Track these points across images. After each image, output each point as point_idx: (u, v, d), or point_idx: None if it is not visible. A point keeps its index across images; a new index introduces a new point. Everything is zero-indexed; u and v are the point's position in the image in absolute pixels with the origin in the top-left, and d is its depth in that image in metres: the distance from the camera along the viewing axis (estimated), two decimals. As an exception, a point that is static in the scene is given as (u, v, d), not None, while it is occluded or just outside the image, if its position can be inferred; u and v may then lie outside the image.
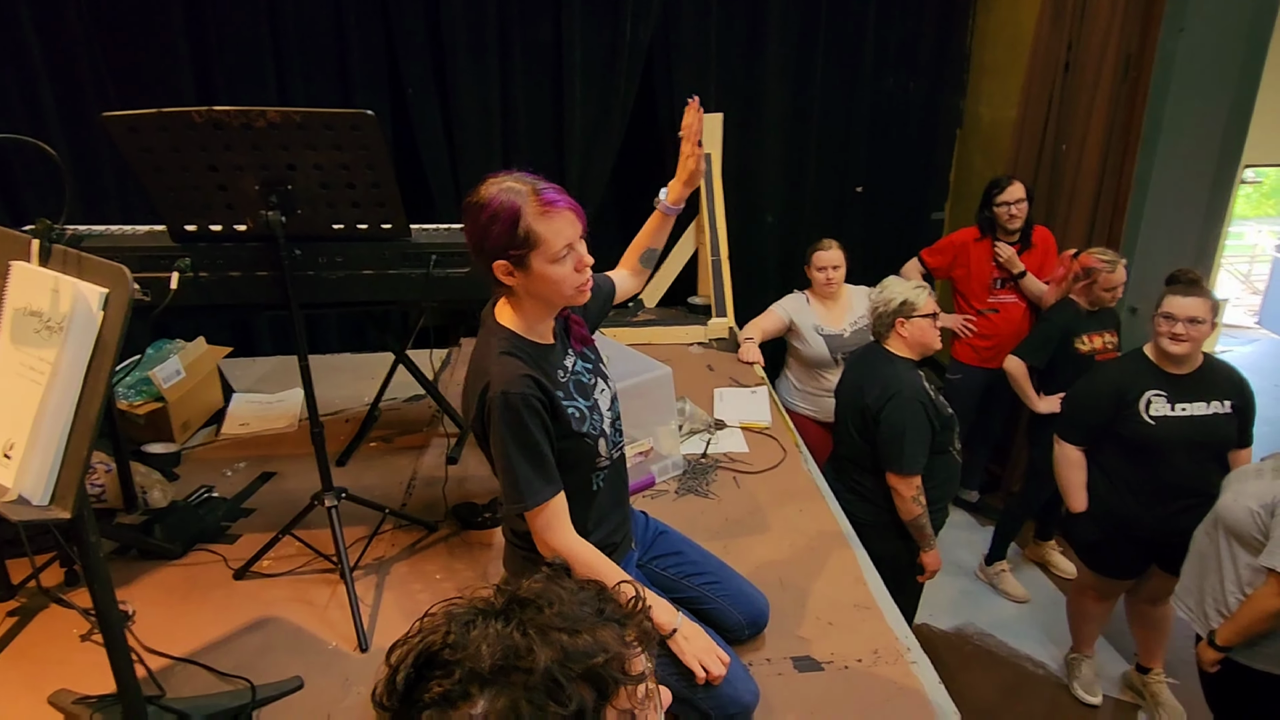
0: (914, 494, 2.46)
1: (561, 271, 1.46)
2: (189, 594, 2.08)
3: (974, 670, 3.22)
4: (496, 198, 1.42)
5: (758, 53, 4.30)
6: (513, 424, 1.44)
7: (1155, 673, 2.99)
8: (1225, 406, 2.53)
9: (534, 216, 1.42)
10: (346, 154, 1.91)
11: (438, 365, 3.53)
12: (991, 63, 4.50)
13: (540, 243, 1.43)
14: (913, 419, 2.42)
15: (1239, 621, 2.17)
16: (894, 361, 2.53)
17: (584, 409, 1.58)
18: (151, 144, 1.86)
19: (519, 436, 1.45)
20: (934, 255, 3.77)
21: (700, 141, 1.79)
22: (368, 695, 1.76)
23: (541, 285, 1.48)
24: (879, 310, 2.55)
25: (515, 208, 1.41)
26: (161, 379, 2.72)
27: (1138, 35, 3.38)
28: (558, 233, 1.43)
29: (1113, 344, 3.20)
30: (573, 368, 1.62)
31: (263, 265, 2.07)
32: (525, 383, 1.45)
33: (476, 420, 1.50)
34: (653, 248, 1.91)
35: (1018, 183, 3.47)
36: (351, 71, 3.80)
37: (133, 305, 1.36)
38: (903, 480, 2.45)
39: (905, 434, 2.41)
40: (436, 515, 2.41)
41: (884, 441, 2.46)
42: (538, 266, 1.45)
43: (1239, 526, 2.18)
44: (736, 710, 1.61)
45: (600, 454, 1.62)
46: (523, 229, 1.41)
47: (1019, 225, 3.48)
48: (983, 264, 3.60)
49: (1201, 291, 2.46)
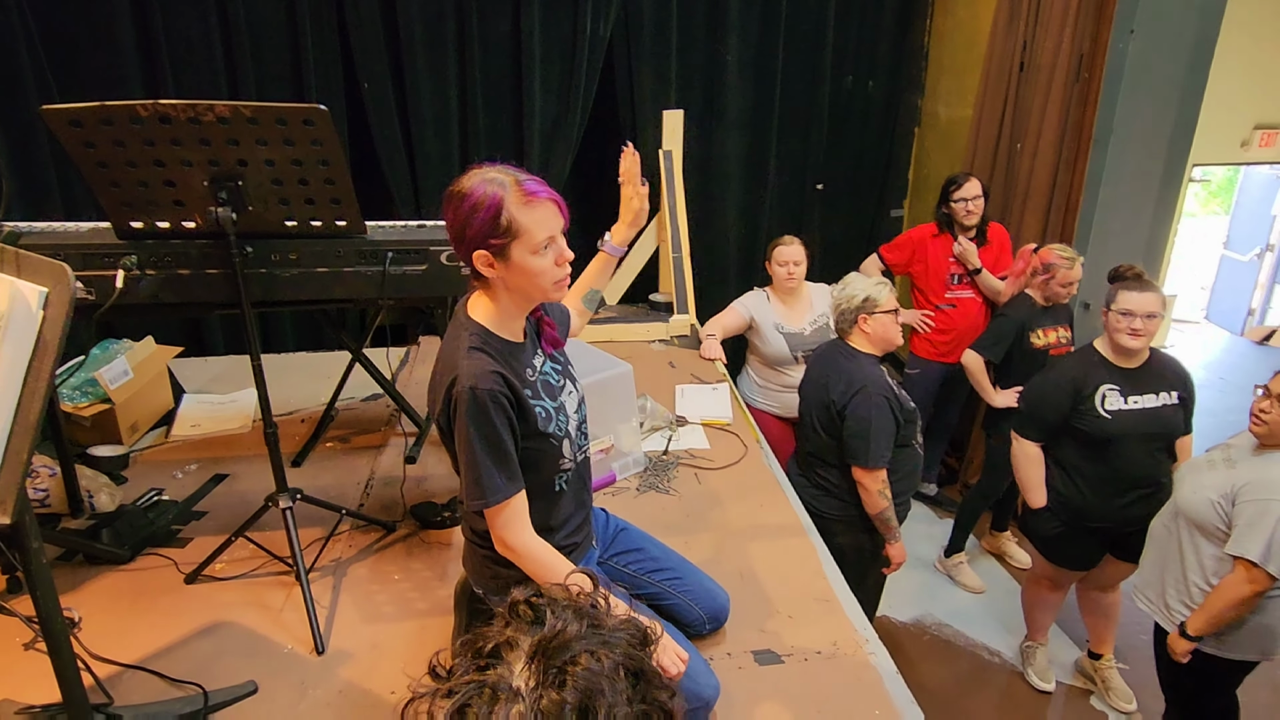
0: (880, 488, 2.49)
1: (542, 264, 1.46)
2: (138, 599, 2.03)
3: (932, 660, 3.27)
4: (479, 188, 1.42)
5: (718, 49, 4.31)
6: (478, 419, 1.43)
7: (1106, 659, 3.07)
8: (1173, 397, 2.61)
9: (516, 206, 1.41)
10: (299, 149, 1.87)
11: (395, 364, 3.48)
12: (949, 62, 4.57)
13: (522, 233, 1.42)
14: (878, 414, 2.44)
15: (1209, 610, 2.21)
16: (857, 357, 2.56)
17: (550, 409, 1.57)
18: (95, 138, 1.80)
19: (484, 432, 1.44)
20: (892, 251, 3.82)
21: (644, 180, 1.79)
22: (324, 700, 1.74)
23: (521, 278, 1.47)
24: (841, 307, 2.58)
25: (498, 197, 1.41)
26: (108, 380, 2.65)
27: (1090, 37, 3.46)
28: (540, 223, 1.43)
29: (1066, 339, 3.27)
30: (541, 368, 1.61)
31: (213, 263, 2.03)
32: (494, 379, 1.44)
33: (442, 414, 1.49)
34: (595, 289, 1.93)
35: (974, 179, 3.53)
36: (305, 67, 3.73)
37: (75, 304, 1.32)
38: (869, 474, 2.48)
39: (871, 429, 2.44)
40: (395, 515, 2.38)
41: (850, 436, 2.48)
42: (518, 258, 1.44)
43: (1201, 518, 2.24)
44: (698, 705, 1.62)
45: (565, 455, 1.61)
46: (505, 219, 1.41)
47: (975, 221, 3.54)
48: (940, 260, 3.66)
49: (1154, 287, 2.53)
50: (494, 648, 0.77)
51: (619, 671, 0.76)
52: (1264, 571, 2.08)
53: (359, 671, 1.81)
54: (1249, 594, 2.13)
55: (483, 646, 0.78)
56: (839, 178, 4.86)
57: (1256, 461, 2.19)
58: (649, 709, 0.76)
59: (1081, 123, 3.55)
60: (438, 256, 2.14)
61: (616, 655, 0.77)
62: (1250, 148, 6.68)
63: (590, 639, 0.77)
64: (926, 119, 4.85)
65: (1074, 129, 3.59)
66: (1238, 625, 2.21)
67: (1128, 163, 3.48)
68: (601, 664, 0.75)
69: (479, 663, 0.77)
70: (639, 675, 0.77)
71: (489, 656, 0.77)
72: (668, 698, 0.78)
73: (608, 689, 0.74)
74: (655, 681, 0.78)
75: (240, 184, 1.88)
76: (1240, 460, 2.24)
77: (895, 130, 4.87)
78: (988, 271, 3.57)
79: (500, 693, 0.73)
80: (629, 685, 0.76)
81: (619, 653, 0.77)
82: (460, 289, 2.18)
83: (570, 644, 0.76)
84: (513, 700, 0.73)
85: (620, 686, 0.75)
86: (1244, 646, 2.24)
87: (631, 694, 0.75)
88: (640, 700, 0.76)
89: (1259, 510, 2.10)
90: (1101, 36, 3.41)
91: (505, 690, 0.73)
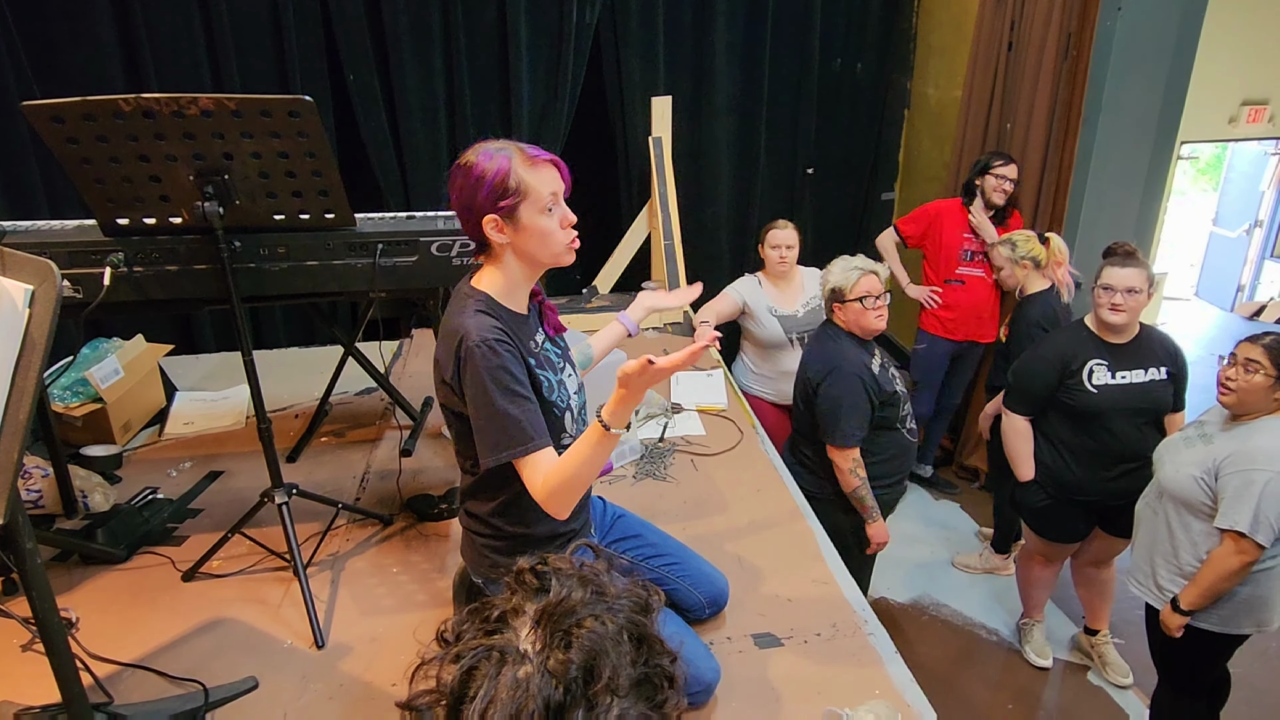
0: (851, 466, 2.52)
1: (549, 224, 1.50)
2: (136, 598, 2.03)
3: (931, 640, 3.29)
4: (485, 156, 1.47)
5: (706, 34, 4.29)
6: (493, 370, 1.44)
7: (1102, 634, 3.09)
8: (1161, 373, 2.62)
9: (523, 168, 1.47)
10: (285, 142, 1.85)
11: (389, 357, 3.47)
12: (938, 43, 4.56)
13: (529, 192, 1.46)
14: (849, 393, 2.48)
15: (1201, 584, 2.23)
16: (840, 338, 2.59)
17: (553, 381, 1.58)
18: (77, 134, 1.78)
19: (501, 381, 1.44)
20: (908, 224, 3.87)
21: None
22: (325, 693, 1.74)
23: (531, 239, 1.50)
24: (826, 290, 2.63)
25: (505, 158, 1.46)
26: (99, 379, 2.63)
27: (1077, 15, 3.45)
28: (544, 182, 1.48)
29: None
30: (543, 343, 1.63)
31: (201, 258, 2.01)
32: (501, 333, 1.47)
33: (454, 378, 1.48)
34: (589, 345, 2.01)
35: (1015, 164, 3.58)
36: (289, 60, 3.70)
37: (61, 302, 1.31)
38: (839, 453, 2.52)
39: (842, 407, 2.48)
40: (391, 508, 2.38)
41: (821, 414, 2.54)
42: (527, 219, 1.48)
43: (1186, 496, 2.26)
44: (699, 689, 1.63)
45: (566, 429, 1.62)
46: (514, 180, 1.45)
47: (1003, 201, 3.58)
48: (954, 234, 3.68)
49: (1137, 263, 2.53)
50: (500, 614, 0.79)
51: (622, 635, 0.77)
52: (1252, 542, 2.10)
53: (359, 664, 1.81)
54: (1238, 565, 2.14)
55: (490, 614, 0.80)
56: (829, 161, 4.85)
57: (1233, 434, 2.21)
58: (651, 672, 0.78)
59: (1071, 102, 3.55)
60: (428, 248, 2.12)
61: (620, 620, 0.78)
62: (1238, 124, 6.70)
63: (594, 605, 0.79)
64: (916, 101, 4.84)
65: (1063, 108, 3.58)
66: (1229, 599, 2.23)
67: (1117, 141, 3.48)
68: (606, 627, 0.77)
69: (486, 628, 0.79)
70: (641, 640, 0.79)
71: (496, 622, 0.79)
72: (669, 662, 0.80)
73: (612, 650, 0.75)
74: (657, 647, 0.80)
75: (226, 178, 1.87)
76: (1216, 435, 2.26)
77: (885, 113, 4.85)
78: None
79: (508, 655, 0.75)
80: (632, 648, 0.77)
81: (622, 618, 0.79)
82: (451, 279, 2.17)
83: (575, 609, 0.78)
84: (520, 662, 0.74)
85: (624, 649, 0.77)
86: (1237, 620, 2.25)
87: (635, 656, 0.77)
88: (643, 663, 0.77)
89: (1243, 481, 2.12)
90: (1089, 15, 3.40)
91: (512, 653, 0.75)
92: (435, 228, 2.13)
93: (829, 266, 2.64)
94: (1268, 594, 2.21)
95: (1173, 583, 2.32)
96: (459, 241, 2.12)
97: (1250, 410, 2.18)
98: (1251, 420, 2.19)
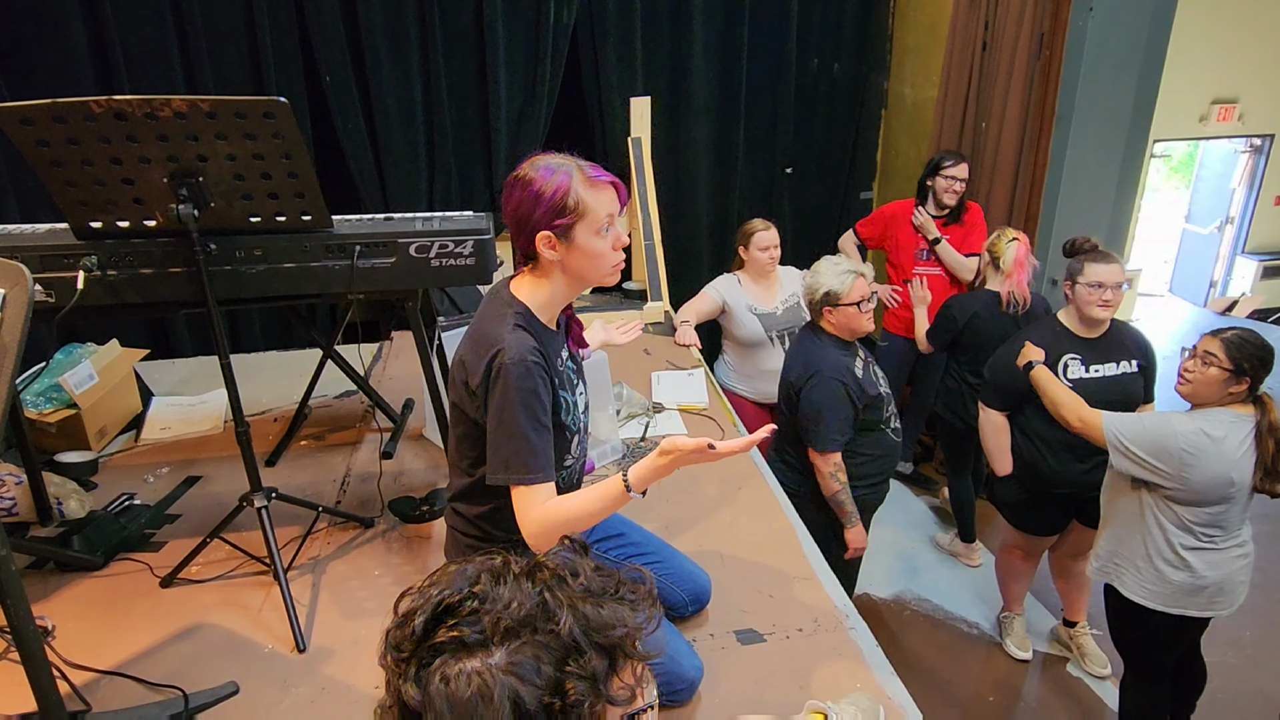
0: (831, 470, 2.53)
1: (602, 245, 1.50)
2: (113, 605, 2.00)
3: (912, 634, 3.32)
4: (546, 171, 1.47)
5: (683, 35, 4.30)
6: (525, 394, 1.44)
7: (1080, 626, 3.14)
8: (1133, 366, 2.67)
9: (583, 187, 1.47)
10: (261, 143, 1.84)
11: (368, 360, 3.45)
12: (913, 43, 4.60)
13: (587, 212, 1.46)
14: (831, 398, 2.48)
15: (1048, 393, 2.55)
16: (822, 341, 2.59)
17: (570, 402, 1.59)
18: (48, 137, 1.76)
19: (530, 406, 1.44)
20: (866, 226, 3.92)
21: None
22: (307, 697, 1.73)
23: (581, 259, 1.50)
24: (809, 297, 2.60)
25: (566, 176, 1.46)
26: (73, 385, 2.60)
27: (1050, 15, 3.49)
28: (602, 203, 1.49)
29: None
30: (565, 360, 1.63)
31: (176, 261, 1.99)
32: (539, 357, 1.47)
33: (481, 386, 1.47)
34: None
35: (965, 163, 3.60)
36: (264, 62, 3.66)
37: (33, 306, 1.29)
38: (820, 457, 2.54)
39: (823, 412, 2.49)
40: (373, 511, 2.37)
41: (803, 418, 2.54)
42: (581, 239, 1.48)
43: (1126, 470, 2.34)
44: (682, 686, 1.63)
45: (571, 452, 1.63)
46: (573, 199, 1.45)
47: (954, 201, 3.61)
48: (909, 234, 3.72)
49: (1117, 259, 2.59)
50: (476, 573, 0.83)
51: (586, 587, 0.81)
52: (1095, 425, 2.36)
53: (341, 668, 1.80)
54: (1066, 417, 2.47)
55: None
56: (808, 161, 4.87)
57: None
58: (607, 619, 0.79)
59: (1044, 101, 3.59)
60: (406, 249, 2.12)
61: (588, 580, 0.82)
62: (1208, 122, 6.82)
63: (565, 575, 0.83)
64: (893, 100, 4.87)
65: (1037, 107, 3.63)
66: (1164, 581, 2.31)
67: (1090, 139, 3.53)
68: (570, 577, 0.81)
69: None
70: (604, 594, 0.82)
71: None
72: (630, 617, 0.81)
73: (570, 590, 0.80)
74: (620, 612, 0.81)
75: (201, 180, 1.85)
76: None
77: (862, 112, 4.89)
78: (948, 244, 3.62)
79: None
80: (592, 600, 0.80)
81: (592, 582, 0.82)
82: (429, 280, 2.16)
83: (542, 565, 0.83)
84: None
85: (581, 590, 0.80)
86: (1177, 600, 2.32)
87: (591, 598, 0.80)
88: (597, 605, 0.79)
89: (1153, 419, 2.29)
90: (1061, 14, 3.44)
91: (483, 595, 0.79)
92: (413, 229, 2.13)
93: (815, 269, 2.60)
94: (1199, 579, 2.28)
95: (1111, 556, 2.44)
96: (437, 243, 2.11)
97: (1203, 401, 2.25)
98: (1202, 409, 2.26)
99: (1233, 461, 2.16)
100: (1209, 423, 2.18)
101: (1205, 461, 2.16)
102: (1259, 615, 3.21)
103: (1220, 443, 2.16)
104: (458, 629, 0.75)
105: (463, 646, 0.75)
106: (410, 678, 0.76)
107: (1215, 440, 2.16)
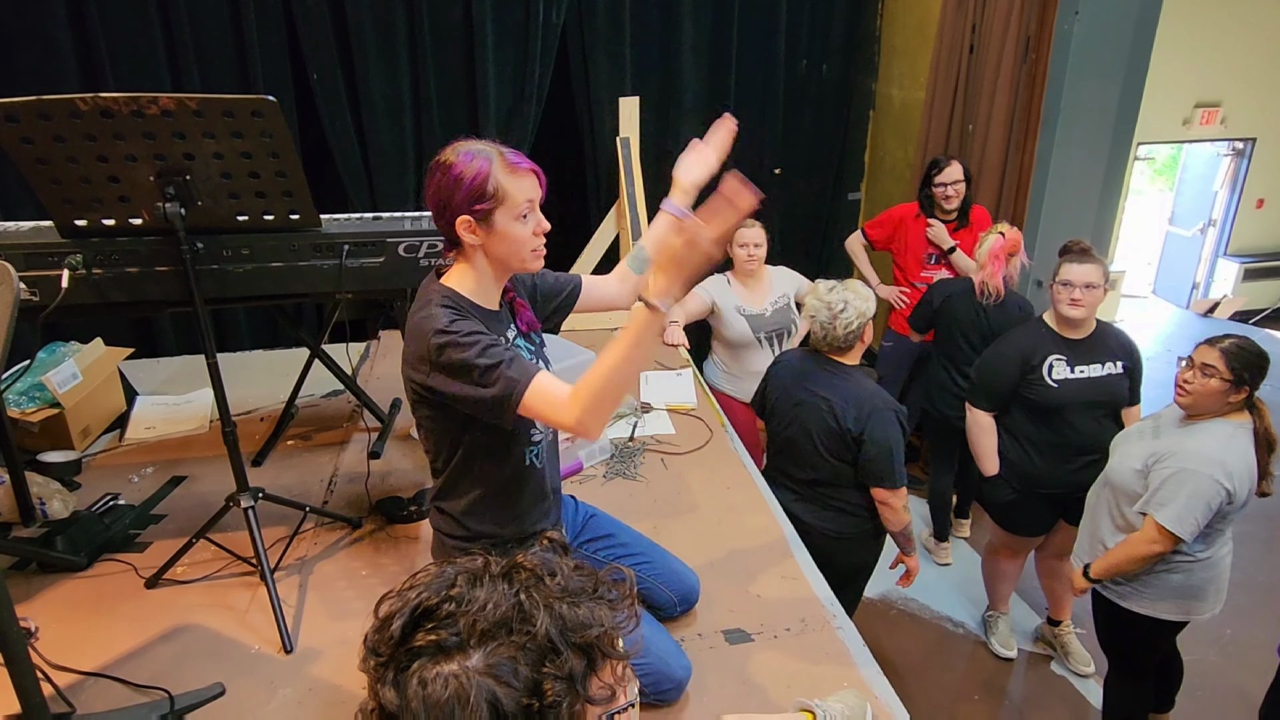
0: (904, 503, 2.41)
1: (522, 231, 1.50)
2: (98, 606, 1.99)
3: (898, 633, 3.34)
4: (466, 157, 1.46)
5: (672, 35, 4.30)
6: (464, 341, 1.41)
7: (1064, 625, 3.16)
8: (1118, 367, 2.69)
9: (503, 173, 1.46)
10: (248, 142, 1.83)
11: (356, 360, 3.44)
12: (901, 45, 4.62)
13: (506, 198, 1.47)
14: (895, 434, 2.35)
15: (1112, 559, 2.33)
16: (852, 375, 2.44)
17: None
18: (32, 134, 1.74)
19: (477, 343, 1.41)
20: (874, 229, 3.91)
21: None
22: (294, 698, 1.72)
23: (501, 244, 1.50)
24: (842, 333, 2.39)
25: (486, 161, 1.46)
26: (56, 384, 2.57)
27: (1036, 18, 3.52)
28: (522, 189, 1.49)
29: None
30: (514, 340, 1.62)
31: (163, 260, 1.98)
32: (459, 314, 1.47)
33: (427, 365, 1.45)
34: (643, 246, 1.90)
35: (956, 164, 3.56)
36: (251, 60, 3.64)
37: (18, 305, 1.28)
38: (894, 494, 2.38)
39: (894, 448, 2.34)
40: (360, 512, 2.36)
41: (872, 460, 2.35)
42: (501, 224, 1.48)
43: (1125, 486, 2.33)
44: (670, 686, 1.64)
45: (536, 426, 1.62)
46: (492, 184, 1.45)
47: (955, 205, 3.59)
48: (918, 239, 3.72)
49: (1094, 259, 2.60)
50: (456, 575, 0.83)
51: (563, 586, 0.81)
52: (1171, 535, 2.18)
53: (329, 668, 1.79)
54: (1149, 553, 2.24)
55: None
56: (796, 162, 4.89)
57: (1179, 431, 2.29)
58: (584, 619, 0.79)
59: (1030, 103, 3.62)
60: (395, 248, 2.11)
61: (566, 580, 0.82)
62: (1192, 125, 6.89)
63: None
64: (881, 102, 4.90)
65: (1023, 110, 3.66)
66: (1160, 585, 2.31)
67: (1076, 142, 3.56)
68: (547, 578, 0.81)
69: None
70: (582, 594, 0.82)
71: None
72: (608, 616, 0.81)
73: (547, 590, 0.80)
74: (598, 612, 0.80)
75: (188, 178, 1.84)
76: (1165, 430, 2.33)
77: (850, 113, 4.91)
78: (963, 252, 3.62)
79: None
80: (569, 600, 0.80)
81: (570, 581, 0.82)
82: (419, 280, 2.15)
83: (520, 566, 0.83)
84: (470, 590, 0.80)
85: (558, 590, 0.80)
86: (1167, 606, 2.34)
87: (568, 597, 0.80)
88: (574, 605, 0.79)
89: (1175, 476, 2.18)
90: (1047, 18, 3.47)
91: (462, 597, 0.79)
92: (402, 228, 2.12)
93: (839, 301, 2.38)
94: (1198, 584, 2.30)
95: (1092, 554, 2.44)
96: (426, 242, 2.11)
97: (1203, 412, 2.24)
98: (1201, 420, 2.26)
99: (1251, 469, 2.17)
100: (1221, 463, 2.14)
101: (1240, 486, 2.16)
102: (1239, 614, 3.25)
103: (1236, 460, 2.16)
104: (435, 632, 0.76)
105: (440, 650, 0.75)
106: (389, 682, 0.76)
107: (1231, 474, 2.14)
